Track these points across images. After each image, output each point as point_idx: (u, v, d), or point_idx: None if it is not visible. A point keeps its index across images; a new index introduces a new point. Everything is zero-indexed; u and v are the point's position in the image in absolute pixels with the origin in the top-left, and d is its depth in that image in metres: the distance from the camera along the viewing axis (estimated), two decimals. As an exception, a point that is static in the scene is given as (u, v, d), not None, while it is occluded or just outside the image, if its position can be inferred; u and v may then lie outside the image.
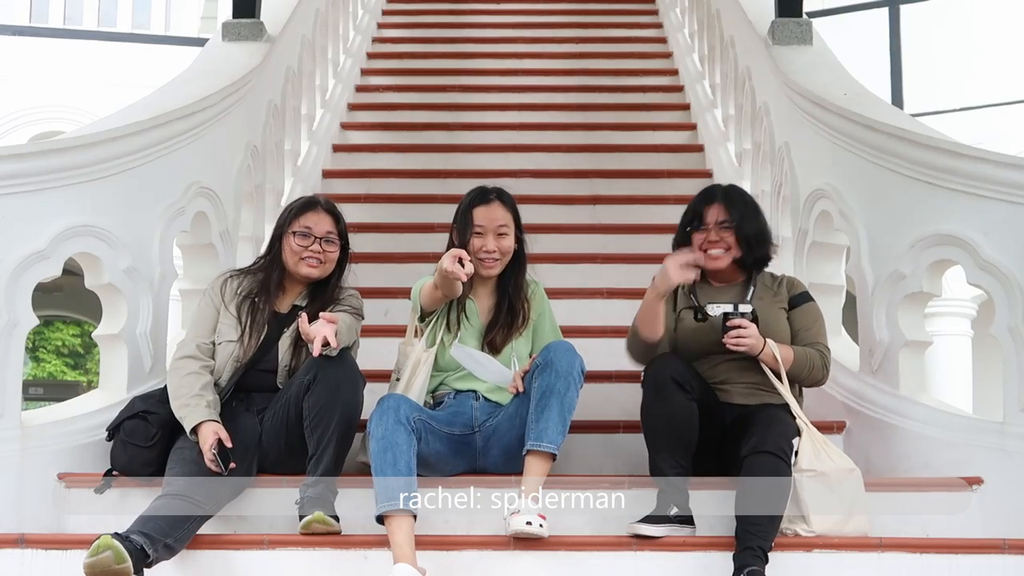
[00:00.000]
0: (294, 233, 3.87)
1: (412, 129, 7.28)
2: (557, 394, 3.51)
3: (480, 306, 3.92)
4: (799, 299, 3.87)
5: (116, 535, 3.14)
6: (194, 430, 3.61)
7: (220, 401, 3.72)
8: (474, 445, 3.76)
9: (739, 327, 3.62)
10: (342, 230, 3.95)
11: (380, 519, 3.35)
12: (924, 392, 4.11)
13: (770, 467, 3.38)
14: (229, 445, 3.56)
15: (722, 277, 3.91)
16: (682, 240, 3.94)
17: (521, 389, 3.70)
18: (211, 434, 3.56)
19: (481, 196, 3.92)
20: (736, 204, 3.88)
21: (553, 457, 3.50)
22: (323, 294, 3.90)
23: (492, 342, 3.86)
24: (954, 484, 3.73)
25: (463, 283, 3.60)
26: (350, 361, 3.66)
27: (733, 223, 3.83)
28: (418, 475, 3.45)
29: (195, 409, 3.64)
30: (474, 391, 3.83)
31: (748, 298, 3.82)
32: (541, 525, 3.34)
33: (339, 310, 3.83)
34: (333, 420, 3.54)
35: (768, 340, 3.68)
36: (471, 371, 3.82)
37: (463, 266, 3.50)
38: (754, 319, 3.66)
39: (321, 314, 3.61)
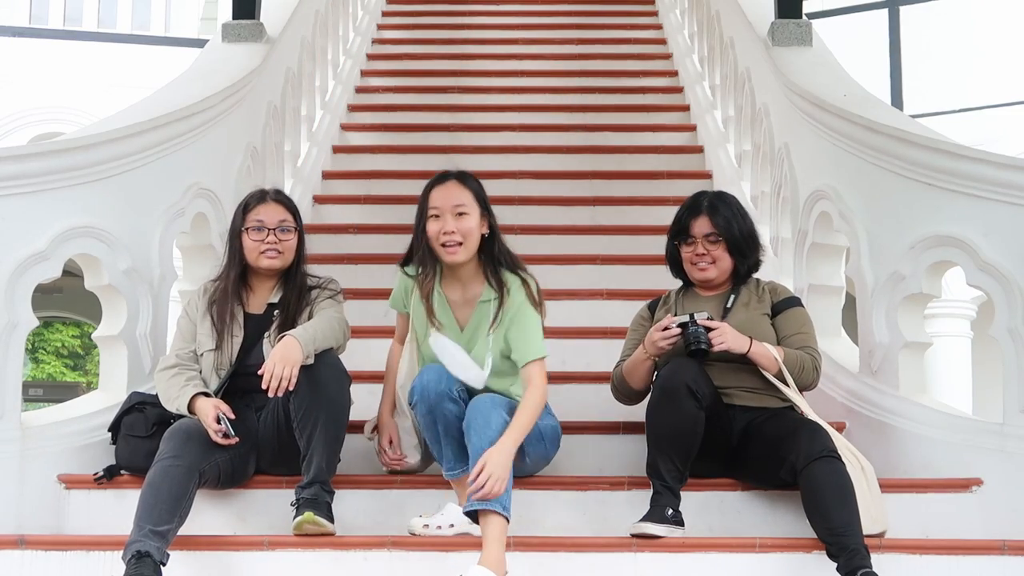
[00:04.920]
0: (248, 229, 3.87)
1: (412, 130, 7.28)
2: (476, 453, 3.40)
3: (453, 298, 3.75)
4: (783, 304, 3.85)
5: (140, 554, 3.15)
6: (192, 410, 3.62)
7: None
8: None
9: (712, 329, 3.61)
10: (296, 217, 3.94)
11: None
12: (924, 393, 4.11)
13: (830, 469, 3.37)
14: (231, 417, 3.57)
15: (710, 285, 3.90)
16: (672, 253, 3.94)
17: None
18: (211, 407, 3.58)
19: (437, 178, 3.73)
20: (721, 212, 3.84)
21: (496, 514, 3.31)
22: (293, 286, 3.87)
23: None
24: (954, 485, 3.73)
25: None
26: (332, 360, 3.63)
27: (720, 235, 3.82)
28: None
29: (185, 389, 3.66)
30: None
31: (728, 304, 3.82)
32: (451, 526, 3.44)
33: (318, 308, 3.81)
34: (320, 420, 3.52)
35: (754, 341, 3.67)
36: (446, 365, 3.64)
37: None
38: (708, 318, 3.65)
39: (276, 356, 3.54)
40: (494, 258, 3.71)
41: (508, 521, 3.28)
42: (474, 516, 3.31)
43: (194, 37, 11.05)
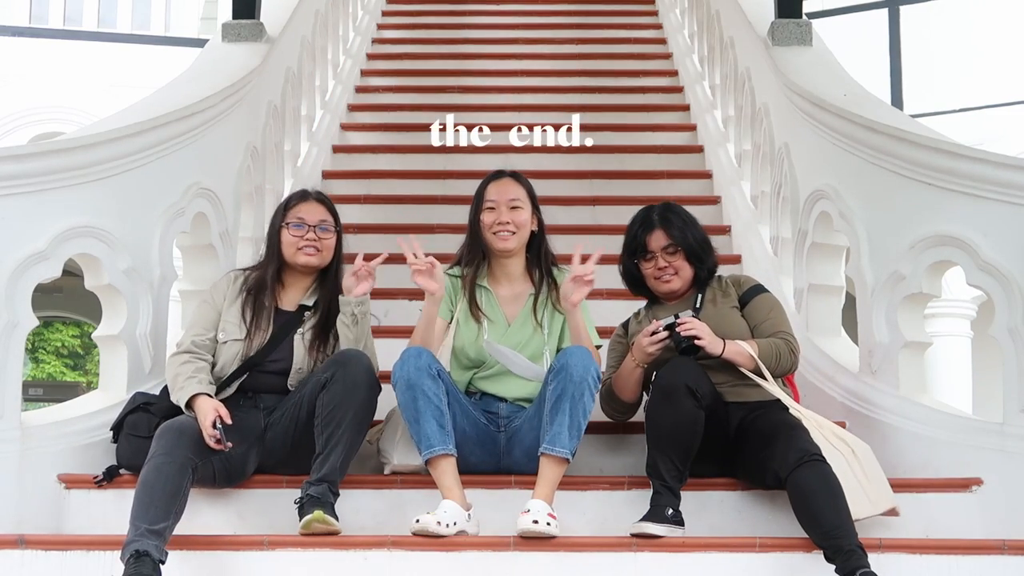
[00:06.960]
0: (288, 224, 3.91)
1: (412, 130, 7.27)
2: (571, 399, 3.49)
3: (501, 294, 3.93)
4: (750, 293, 3.88)
5: (139, 553, 3.13)
6: (190, 406, 3.61)
7: (225, 397, 3.72)
8: (498, 443, 3.79)
9: (684, 323, 3.63)
10: (336, 219, 3.98)
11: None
12: (924, 393, 4.11)
13: (812, 474, 3.37)
14: (228, 422, 3.55)
15: (674, 295, 3.92)
16: (630, 269, 3.96)
17: None
18: (211, 410, 3.56)
19: (494, 175, 4.04)
20: (674, 224, 3.87)
21: (567, 462, 3.50)
22: (328, 287, 3.92)
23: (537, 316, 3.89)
24: (954, 485, 3.73)
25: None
26: (368, 366, 3.66)
27: (678, 245, 3.84)
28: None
29: (189, 383, 3.66)
30: (503, 399, 3.85)
31: (697, 304, 3.84)
32: (549, 524, 3.35)
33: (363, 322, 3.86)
34: (345, 420, 3.54)
35: (727, 341, 3.68)
36: (504, 365, 3.81)
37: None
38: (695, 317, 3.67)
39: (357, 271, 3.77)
40: (540, 256, 3.98)
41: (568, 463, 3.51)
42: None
43: (194, 37, 11.05)
